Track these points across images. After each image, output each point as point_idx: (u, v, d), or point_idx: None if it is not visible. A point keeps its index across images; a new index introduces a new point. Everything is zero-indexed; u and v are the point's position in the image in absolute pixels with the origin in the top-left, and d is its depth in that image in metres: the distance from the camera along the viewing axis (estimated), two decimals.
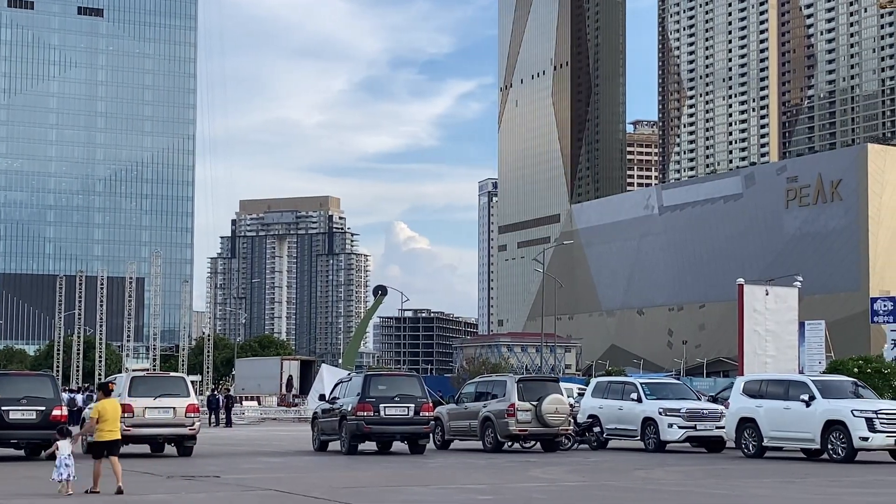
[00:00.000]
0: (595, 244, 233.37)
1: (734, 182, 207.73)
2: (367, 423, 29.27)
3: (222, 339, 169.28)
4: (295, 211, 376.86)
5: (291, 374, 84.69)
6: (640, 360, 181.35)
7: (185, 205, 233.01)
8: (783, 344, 46.74)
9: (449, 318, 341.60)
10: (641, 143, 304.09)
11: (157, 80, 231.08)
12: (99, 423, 18.54)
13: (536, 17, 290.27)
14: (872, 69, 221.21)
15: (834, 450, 27.22)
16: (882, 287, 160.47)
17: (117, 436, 18.77)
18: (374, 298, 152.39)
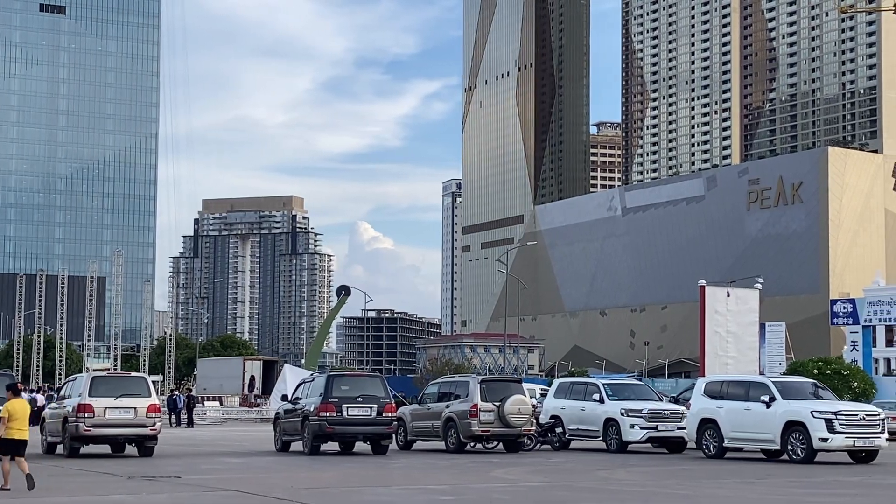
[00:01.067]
0: (558, 245, 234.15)
1: (696, 184, 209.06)
2: (329, 423, 29.22)
3: (184, 339, 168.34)
4: (258, 211, 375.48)
5: (254, 375, 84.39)
6: (603, 361, 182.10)
7: (147, 204, 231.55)
8: (744, 345, 47.10)
9: (412, 319, 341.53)
10: (605, 144, 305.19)
11: (119, 79, 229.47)
12: (8, 423, 18.75)
13: (501, 19, 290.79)
14: (833, 73, 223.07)
15: (794, 450, 27.43)
16: (842, 289, 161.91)
17: (25, 436, 19.06)
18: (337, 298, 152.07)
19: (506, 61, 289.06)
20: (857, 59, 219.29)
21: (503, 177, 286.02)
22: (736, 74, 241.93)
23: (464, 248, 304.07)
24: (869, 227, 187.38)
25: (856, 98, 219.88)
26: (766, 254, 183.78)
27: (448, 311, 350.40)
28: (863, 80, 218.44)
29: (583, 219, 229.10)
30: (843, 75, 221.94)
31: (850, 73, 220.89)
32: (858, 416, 27.56)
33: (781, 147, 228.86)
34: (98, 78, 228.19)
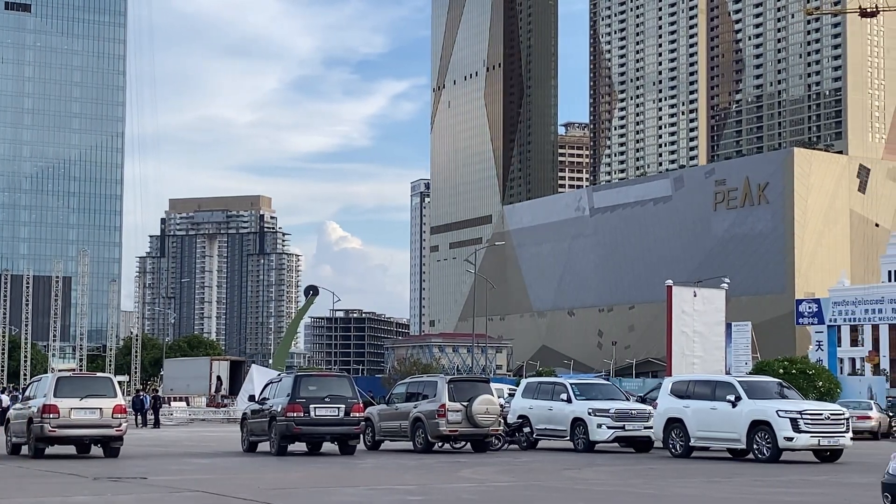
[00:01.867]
0: (526, 245, 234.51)
1: (664, 184, 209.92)
2: (297, 423, 29.15)
3: (151, 339, 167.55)
4: (225, 210, 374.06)
5: (220, 375, 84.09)
6: (571, 361, 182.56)
7: (113, 203, 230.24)
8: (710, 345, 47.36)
9: (380, 319, 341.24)
10: (573, 145, 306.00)
11: (85, 77, 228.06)
12: None
13: (469, 19, 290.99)
14: (799, 74, 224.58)
15: (759, 450, 27.59)
16: (807, 289, 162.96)
17: None
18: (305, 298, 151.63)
19: (474, 61, 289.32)
20: (823, 61, 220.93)
21: (471, 177, 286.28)
22: (703, 75, 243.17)
23: (432, 248, 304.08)
24: (834, 228, 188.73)
25: (821, 99, 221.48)
26: (733, 254, 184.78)
27: (416, 311, 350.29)
28: (828, 82, 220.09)
29: (551, 219, 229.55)
30: (808, 77, 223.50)
31: (815, 74, 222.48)
32: (823, 415, 27.76)
33: (748, 148, 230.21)
34: (64, 76, 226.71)
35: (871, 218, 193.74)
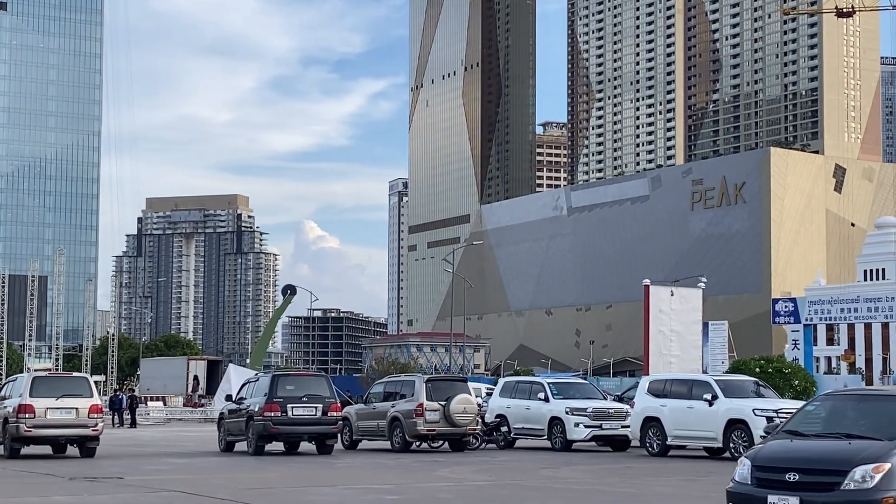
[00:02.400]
0: (504, 245, 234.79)
1: (641, 184, 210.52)
2: (274, 423, 29.10)
3: (127, 339, 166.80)
4: (203, 209, 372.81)
5: (197, 375, 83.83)
6: (548, 360, 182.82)
7: (89, 202, 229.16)
8: (687, 344, 47.49)
9: (358, 318, 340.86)
10: (550, 144, 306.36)
11: (61, 76, 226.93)
12: None
13: (447, 18, 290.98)
14: (776, 74, 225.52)
15: (736, 448, 27.69)
16: (783, 288, 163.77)
17: None
18: (282, 298, 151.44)
19: (452, 61, 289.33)
20: (800, 61, 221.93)
21: (449, 176, 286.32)
22: (680, 75, 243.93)
23: (410, 248, 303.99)
24: (810, 228, 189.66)
25: (798, 99, 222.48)
26: (710, 253, 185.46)
27: (394, 310, 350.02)
28: (805, 82, 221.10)
29: (528, 218, 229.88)
30: (785, 77, 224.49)
31: (792, 74, 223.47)
32: None
33: (725, 147, 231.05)
34: (40, 75, 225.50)
35: (846, 217, 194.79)
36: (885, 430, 12.14)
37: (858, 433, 12.17)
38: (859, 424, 12.46)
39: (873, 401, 13.05)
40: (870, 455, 11.53)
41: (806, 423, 12.93)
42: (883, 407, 12.72)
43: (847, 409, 12.94)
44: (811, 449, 12.08)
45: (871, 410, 12.68)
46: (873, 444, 11.80)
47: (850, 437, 12.10)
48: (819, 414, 13.11)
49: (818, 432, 12.54)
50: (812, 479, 11.60)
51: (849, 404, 13.04)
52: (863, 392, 14.02)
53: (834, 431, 12.39)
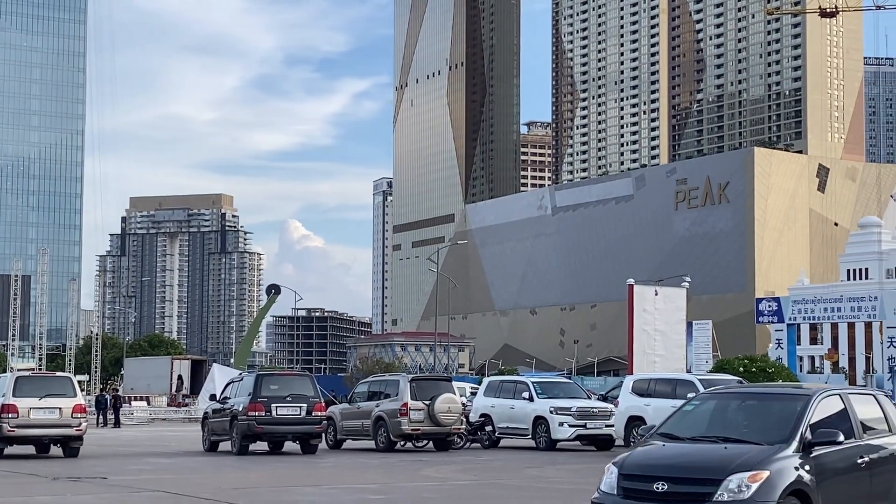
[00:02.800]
0: (489, 244, 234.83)
1: (625, 184, 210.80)
2: (258, 423, 29.07)
3: (111, 339, 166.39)
4: (187, 209, 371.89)
5: (181, 374, 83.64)
6: (533, 360, 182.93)
7: (73, 201, 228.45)
8: (671, 343, 47.57)
9: (343, 318, 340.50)
10: (535, 144, 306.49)
11: (45, 74, 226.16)
12: None
13: (432, 17, 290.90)
14: (759, 74, 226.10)
15: None
16: (767, 288, 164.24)
17: None
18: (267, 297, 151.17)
19: (436, 60, 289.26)
20: (783, 61, 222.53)
21: (434, 175, 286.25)
22: (664, 75, 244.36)
23: (394, 247, 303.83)
24: (794, 227, 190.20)
25: (781, 99, 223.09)
26: (694, 253, 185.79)
27: (378, 309, 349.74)
28: (788, 82, 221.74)
29: (513, 218, 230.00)
30: (768, 76, 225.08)
31: (775, 74, 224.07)
32: None
33: (708, 147, 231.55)
34: (23, 74, 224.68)
35: (830, 217, 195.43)
36: (768, 433, 11.04)
37: (738, 436, 11.04)
38: (741, 427, 11.36)
39: (756, 400, 11.89)
40: (747, 461, 10.43)
41: (683, 424, 11.69)
42: (766, 407, 11.60)
43: (729, 409, 11.83)
44: (683, 454, 10.92)
45: (754, 411, 11.58)
46: (752, 449, 10.71)
47: (727, 441, 10.95)
48: (698, 415, 11.92)
49: (695, 435, 11.32)
50: (682, 488, 10.47)
51: (731, 404, 11.91)
52: (745, 390, 12.87)
53: (712, 434, 11.22)
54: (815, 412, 11.21)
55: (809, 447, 10.85)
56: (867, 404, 12.22)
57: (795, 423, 11.01)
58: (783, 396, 11.79)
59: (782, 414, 11.23)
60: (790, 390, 12.07)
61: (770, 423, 11.19)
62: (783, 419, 11.12)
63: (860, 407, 11.94)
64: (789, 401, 11.50)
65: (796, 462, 10.65)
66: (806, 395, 11.50)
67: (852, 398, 11.95)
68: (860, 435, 11.61)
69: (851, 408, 11.74)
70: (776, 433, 10.91)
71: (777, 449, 10.69)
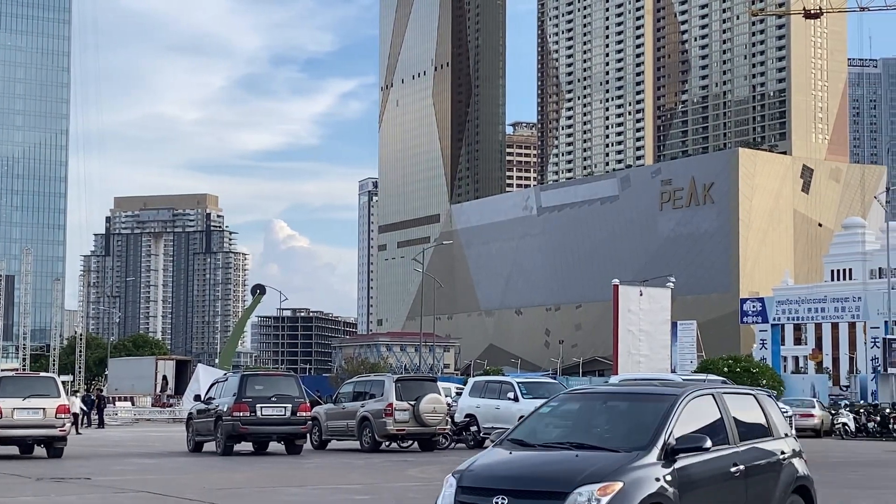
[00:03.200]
0: (474, 244, 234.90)
1: (610, 184, 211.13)
2: (243, 423, 29.03)
3: (95, 339, 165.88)
4: (171, 209, 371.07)
5: (166, 374, 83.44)
6: (518, 360, 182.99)
7: (57, 201, 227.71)
8: (656, 343, 47.76)
9: (328, 318, 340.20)
10: (520, 144, 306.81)
11: (29, 74, 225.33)
12: None
13: (417, 18, 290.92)
14: (744, 75, 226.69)
15: None
16: (751, 288, 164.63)
17: None
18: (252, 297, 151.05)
19: (422, 60, 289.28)
20: (767, 62, 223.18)
21: (419, 176, 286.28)
22: (649, 76, 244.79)
23: (380, 247, 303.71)
24: (778, 228, 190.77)
25: (766, 100, 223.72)
26: (678, 253, 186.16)
27: (364, 310, 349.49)
28: (772, 83, 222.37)
29: (498, 218, 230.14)
30: (753, 78, 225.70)
31: (760, 75, 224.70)
32: None
33: (693, 148, 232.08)
34: (7, 73, 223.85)
35: (814, 218, 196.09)
36: (629, 439, 9.80)
37: (596, 443, 9.80)
38: (601, 431, 10.14)
39: (620, 401, 10.68)
40: (598, 472, 9.17)
41: (537, 429, 10.43)
42: (630, 409, 10.41)
43: (589, 411, 10.53)
44: (529, 464, 9.64)
45: (616, 414, 10.38)
46: (607, 456, 9.46)
47: (582, 448, 9.72)
48: (555, 418, 10.64)
49: (547, 442, 10.06)
50: (524, 502, 9.27)
51: (593, 406, 10.63)
52: (609, 390, 11.66)
53: (566, 441, 9.96)
54: (682, 415, 10.00)
55: (673, 454, 9.64)
56: (746, 405, 11.08)
57: (658, 427, 9.78)
58: (648, 397, 10.53)
59: (645, 417, 10.01)
60: (657, 390, 10.82)
61: (632, 427, 10.00)
62: (645, 423, 9.90)
63: (737, 408, 10.79)
64: (654, 402, 10.25)
65: (657, 472, 9.44)
66: (673, 395, 10.29)
67: (728, 399, 10.76)
68: (735, 440, 10.49)
69: (726, 410, 10.56)
70: (637, 439, 9.71)
71: (635, 457, 9.44)
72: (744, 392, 11.53)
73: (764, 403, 11.36)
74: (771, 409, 11.40)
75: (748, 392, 11.53)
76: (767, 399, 11.52)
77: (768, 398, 11.54)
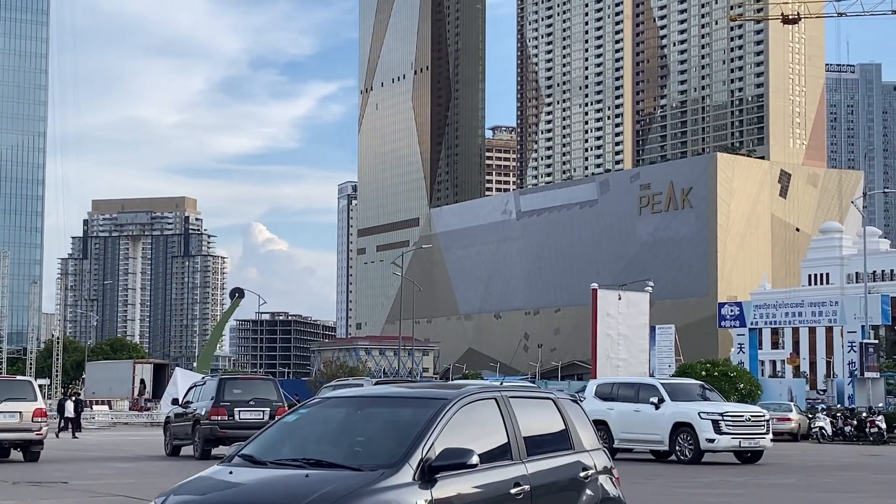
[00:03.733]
0: (454, 248, 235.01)
1: (589, 188, 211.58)
2: (221, 427, 28.93)
3: (73, 342, 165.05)
4: (150, 211, 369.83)
5: (144, 378, 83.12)
6: (497, 364, 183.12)
7: (34, 204, 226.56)
8: (635, 347, 47.83)
9: (307, 322, 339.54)
10: (500, 148, 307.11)
11: (6, 76, 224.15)
12: None
13: (397, 21, 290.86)
14: (722, 80, 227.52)
15: (681, 451, 27.94)
16: (729, 293, 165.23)
17: None
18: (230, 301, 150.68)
19: (402, 64, 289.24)
20: (746, 67, 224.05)
21: (399, 179, 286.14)
22: (628, 81, 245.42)
23: (359, 251, 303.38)
24: (756, 233, 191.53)
25: (744, 105, 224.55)
26: (657, 258, 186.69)
27: (343, 313, 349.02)
28: (751, 88, 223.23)
29: (478, 222, 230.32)
30: (731, 83, 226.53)
31: (738, 80, 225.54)
32: (744, 417, 28.20)
33: (672, 153, 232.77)
34: None
35: (791, 223, 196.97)
36: (376, 454, 7.80)
37: (337, 459, 7.79)
38: (347, 444, 8.12)
39: (379, 406, 8.63)
40: (325, 497, 7.18)
41: (275, 441, 8.39)
42: (389, 416, 8.37)
43: (340, 420, 8.45)
44: (246, 488, 7.65)
45: (373, 422, 8.35)
46: (345, 477, 7.47)
47: (318, 467, 7.70)
48: (300, 427, 8.56)
49: (281, 458, 7.99)
50: None
51: (346, 413, 8.53)
52: (368, 393, 9.25)
53: (302, 457, 7.88)
54: (450, 424, 8.00)
55: (432, 473, 7.61)
56: (540, 412, 9.17)
57: (416, 439, 7.76)
58: (410, 402, 8.49)
59: (403, 427, 8.01)
60: (423, 393, 8.71)
61: (386, 439, 7.99)
62: (402, 434, 7.90)
63: (528, 416, 8.84)
64: (417, 408, 8.22)
65: (409, 495, 7.44)
66: (441, 399, 8.28)
67: (516, 404, 8.77)
68: (521, 454, 8.48)
69: (512, 417, 8.59)
70: (387, 454, 7.71)
71: (380, 476, 7.44)
72: (539, 396, 9.51)
73: (566, 410, 9.49)
74: (575, 416, 9.58)
75: (545, 396, 9.54)
76: (572, 404, 9.70)
77: (573, 403, 9.76)
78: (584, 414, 9.92)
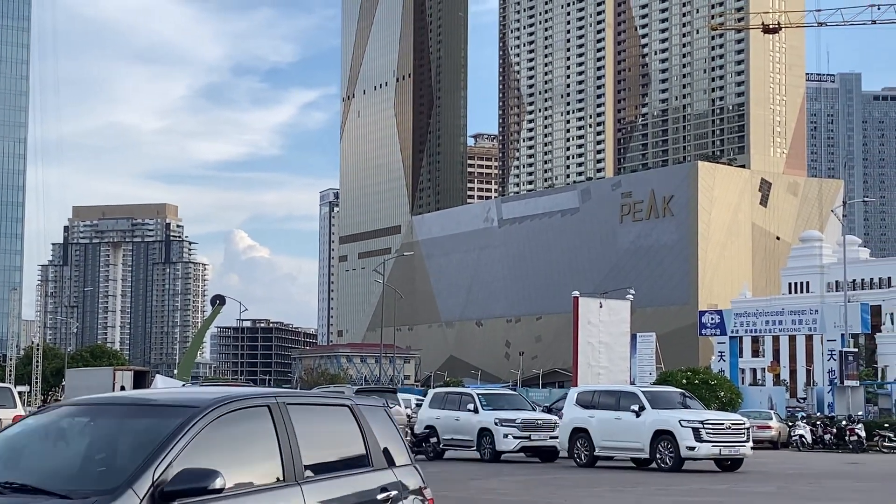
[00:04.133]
0: (435, 256, 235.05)
1: (571, 196, 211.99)
2: None
3: (52, 349, 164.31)
4: (131, 218, 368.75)
5: (124, 385, 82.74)
6: (478, 371, 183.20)
7: (14, 210, 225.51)
8: (616, 355, 47.95)
9: (288, 329, 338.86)
10: (482, 156, 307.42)
11: None
12: None
13: (379, 29, 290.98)
14: (703, 89, 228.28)
15: (662, 459, 28.00)
16: (710, 301, 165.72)
17: None
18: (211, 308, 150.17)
19: (384, 72, 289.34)
20: (727, 76, 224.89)
21: (381, 187, 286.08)
22: (609, 89, 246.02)
23: (341, 258, 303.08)
24: (736, 241, 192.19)
25: (725, 114, 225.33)
26: (638, 266, 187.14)
27: (324, 320, 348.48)
28: (731, 97, 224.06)
29: (460, 230, 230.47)
30: (712, 91, 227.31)
31: (719, 89, 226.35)
32: (724, 425, 28.29)
33: (653, 161, 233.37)
34: None
35: (772, 231, 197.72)
36: (96, 476, 6.21)
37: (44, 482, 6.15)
38: (63, 463, 6.54)
39: (113, 416, 6.82)
40: None
41: None
42: (119, 430, 6.66)
43: (64, 433, 6.87)
44: None
45: (99, 436, 6.69)
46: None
47: (21, 492, 6.08)
48: (18, 441, 6.87)
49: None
50: None
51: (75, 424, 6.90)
52: (103, 400, 7.26)
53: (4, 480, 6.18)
54: (199, 439, 6.39)
55: (165, 501, 6.02)
56: (331, 422, 7.62)
57: (147, 459, 6.16)
58: (155, 410, 6.80)
59: (138, 443, 6.39)
60: (170, 399, 7.05)
61: (115, 458, 6.41)
62: (135, 452, 6.30)
63: (312, 427, 7.24)
64: (162, 418, 6.56)
65: None
66: (192, 407, 6.61)
67: (297, 412, 7.14)
68: (296, 474, 6.84)
69: (287, 430, 6.95)
70: (110, 476, 6.13)
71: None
72: (332, 403, 7.96)
73: (366, 420, 7.83)
74: (379, 427, 7.95)
75: (340, 403, 7.91)
76: (376, 412, 8.09)
77: (379, 411, 8.17)
78: (394, 424, 8.26)
